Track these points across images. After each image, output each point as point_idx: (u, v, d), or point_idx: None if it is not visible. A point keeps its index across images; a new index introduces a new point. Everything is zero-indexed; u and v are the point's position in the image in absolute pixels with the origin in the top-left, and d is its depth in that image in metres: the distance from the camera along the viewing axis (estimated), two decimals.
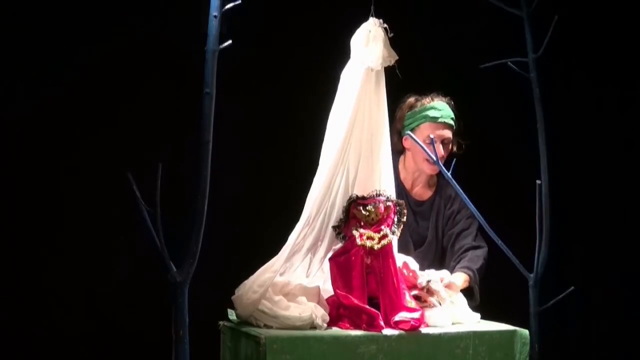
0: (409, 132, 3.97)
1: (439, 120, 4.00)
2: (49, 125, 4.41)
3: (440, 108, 4.02)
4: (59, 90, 4.41)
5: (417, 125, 4.01)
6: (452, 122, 4.03)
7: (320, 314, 3.43)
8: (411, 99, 4.07)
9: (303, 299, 3.49)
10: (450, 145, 4.03)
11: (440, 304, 3.57)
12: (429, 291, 3.58)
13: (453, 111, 4.06)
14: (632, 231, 5.14)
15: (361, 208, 3.51)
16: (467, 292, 3.84)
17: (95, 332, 4.49)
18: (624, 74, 5.15)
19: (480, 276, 3.92)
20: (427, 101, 4.05)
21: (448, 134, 4.02)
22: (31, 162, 4.40)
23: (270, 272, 3.48)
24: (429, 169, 4.03)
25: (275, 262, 3.52)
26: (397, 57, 3.53)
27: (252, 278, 3.49)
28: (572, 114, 5.13)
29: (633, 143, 5.16)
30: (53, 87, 4.41)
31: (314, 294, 3.53)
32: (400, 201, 3.58)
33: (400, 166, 4.08)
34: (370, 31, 3.52)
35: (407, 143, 4.05)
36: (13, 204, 4.39)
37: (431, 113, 4.00)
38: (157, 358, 4.12)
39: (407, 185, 4.08)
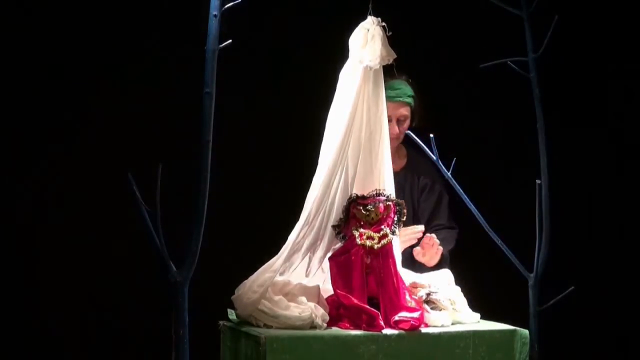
0: (409, 132, 3.97)
1: (395, 99, 4.14)
2: (49, 125, 4.41)
3: (397, 87, 4.16)
4: (58, 90, 4.41)
5: None
6: (409, 100, 4.19)
7: (320, 314, 3.43)
8: None
9: (303, 298, 3.49)
10: (409, 122, 4.18)
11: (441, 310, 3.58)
12: (429, 302, 3.58)
13: (412, 88, 4.20)
14: (632, 231, 5.14)
15: (361, 208, 3.51)
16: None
17: (95, 332, 4.48)
18: (624, 74, 5.15)
19: (449, 258, 4.14)
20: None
21: (404, 112, 4.18)
22: (31, 162, 4.39)
23: (270, 271, 3.48)
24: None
25: (275, 261, 3.52)
26: (395, 56, 3.53)
27: (252, 278, 3.49)
28: (572, 114, 5.12)
29: (633, 142, 5.15)
30: (53, 86, 4.40)
31: (313, 294, 3.53)
32: (400, 201, 3.58)
33: None
34: (368, 30, 3.52)
35: None
36: (13, 204, 4.39)
37: (388, 93, 4.02)
38: (157, 358, 4.12)
39: None
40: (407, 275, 3.65)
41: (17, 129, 4.39)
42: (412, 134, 3.94)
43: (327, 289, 3.56)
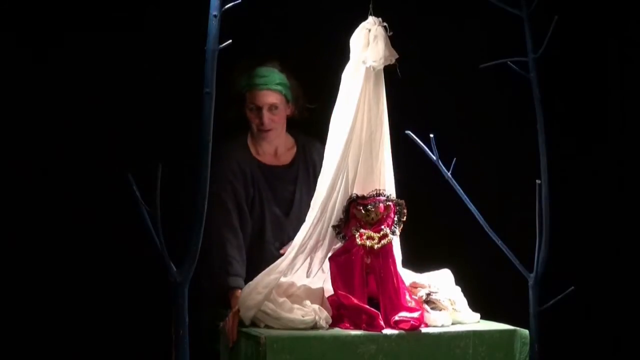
0: (409, 132, 3.96)
1: (261, 87, 3.96)
2: (49, 125, 4.40)
3: (264, 74, 3.98)
4: (58, 90, 4.41)
5: (245, 93, 3.98)
6: (278, 88, 3.98)
7: (324, 316, 3.43)
8: (240, 67, 4.02)
9: (307, 302, 3.49)
10: (283, 110, 4.00)
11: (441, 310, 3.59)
12: (429, 302, 3.58)
13: (284, 77, 4.01)
14: (632, 231, 5.13)
15: (361, 208, 3.52)
16: None
17: (95, 332, 4.48)
18: (624, 73, 5.15)
19: None
20: (250, 68, 4.01)
21: (272, 99, 3.96)
22: (31, 162, 4.39)
23: (276, 273, 3.49)
24: (261, 131, 3.99)
25: (281, 263, 3.53)
26: (397, 56, 3.53)
27: (257, 279, 3.50)
28: (572, 114, 5.12)
29: (633, 142, 5.15)
30: (53, 85, 4.40)
31: (318, 296, 3.53)
32: (400, 201, 3.59)
33: (251, 142, 4.06)
34: (369, 30, 3.53)
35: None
36: (13, 204, 4.39)
37: (254, 80, 3.97)
38: (157, 358, 4.12)
39: (268, 159, 4.04)
40: (407, 275, 3.65)
41: (17, 128, 4.38)
42: (411, 134, 3.94)
43: (328, 289, 3.56)
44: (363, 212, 3.51)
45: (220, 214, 3.81)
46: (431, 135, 3.81)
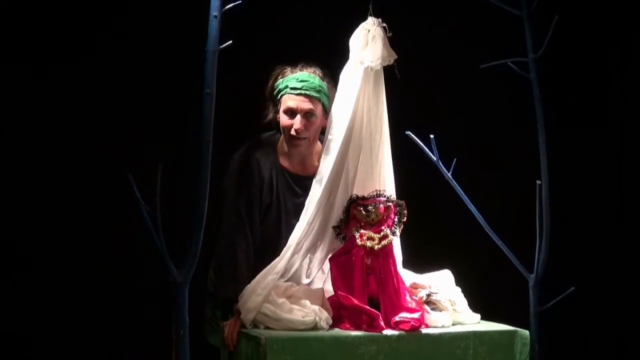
0: (409, 132, 3.96)
1: (299, 92, 3.75)
2: (49, 125, 4.41)
3: (302, 79, 3.77)
4: (59, 89, 4.41)
5: (281, 97, 3.80)
6: (315, 94, 3.75)
7: (324, 317, 3.42)
8: (278, 70, 3.86)
9: (307, 302, 3.48)
10: (320, 117, 3.77)
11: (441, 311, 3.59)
12: (429, 303, 3.58)
13: (325, 85, 3.80)
14: (632, 230, 5.14)
15: (361, 208, 3.51)
16: None
17: (95, 332, 4.48)
18: (624, 73, 5.15)
19: None
20: (289, 72, 3.83)
21: (308, 105, 3.73)
22: (31, 162, 4.39)
23: (273, 274, 3.49)
24: (293, 138, 3.78)
25: (278, 263, 3.52)
26: (396, 57, 3.53)
27: (255, 281, 3.49)
28: (572, 114, 5.13)
29: (633, 142, 5.15)
30: (53, 85, 4.40)
31: (317, 296, 3.53)
32: (401, 201, 3.59)
33: (281, 148, 3.86)
34: (369, 31, 3.53)
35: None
36: (12, 203, 4.39)
37: (292, 84, 3.78)
38: (157, 358, 4.12)
39: (296, 167, 3.84)
40: (408, 276, 3.65)
41: (18, 128, 4.39)
42: (411, 134, 3.94)
43: (328, 290, 3.56)
44: (363, 212, 3.51)
45: (231, 218, 3.73)
46: (431, 136, 3.81)
